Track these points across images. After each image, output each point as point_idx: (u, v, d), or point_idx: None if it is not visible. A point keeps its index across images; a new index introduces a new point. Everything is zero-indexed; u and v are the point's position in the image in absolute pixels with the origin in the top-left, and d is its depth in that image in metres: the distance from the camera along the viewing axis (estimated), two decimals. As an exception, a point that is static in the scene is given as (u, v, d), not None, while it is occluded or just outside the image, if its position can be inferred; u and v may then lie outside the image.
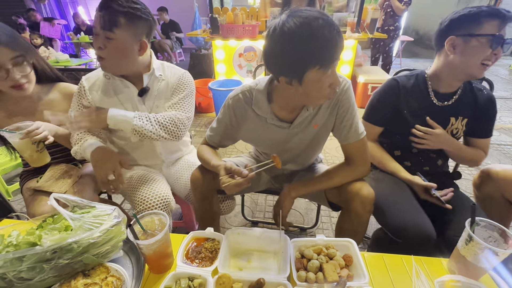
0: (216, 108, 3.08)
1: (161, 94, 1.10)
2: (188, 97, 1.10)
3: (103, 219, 0.69)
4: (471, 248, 0.65)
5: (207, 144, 1.07)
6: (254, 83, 0.95)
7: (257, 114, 0.95)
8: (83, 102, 1.06)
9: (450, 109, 1.07)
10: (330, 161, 2.42)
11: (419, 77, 1.09)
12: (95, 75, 1.08)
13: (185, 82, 1.11)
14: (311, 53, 0.70)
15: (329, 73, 0.74)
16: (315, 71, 0.72)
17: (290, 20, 0.69)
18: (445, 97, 1.06)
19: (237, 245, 0.81)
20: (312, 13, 0.69)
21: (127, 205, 1.84)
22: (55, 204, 0.65)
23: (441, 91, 1.06)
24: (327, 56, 0.71)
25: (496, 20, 0.88)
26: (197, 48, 4.90)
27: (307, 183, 0.99)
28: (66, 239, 0.61)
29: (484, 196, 1.11)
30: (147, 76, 1.05)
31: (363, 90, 3.43)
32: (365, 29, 3.53)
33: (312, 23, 0.68)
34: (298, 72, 0.73)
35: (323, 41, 0.69)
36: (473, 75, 0.98)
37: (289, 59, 0.72)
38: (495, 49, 0.90)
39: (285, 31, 0.69)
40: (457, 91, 1.06)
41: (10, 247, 0.61)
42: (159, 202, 1.01)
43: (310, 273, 0.67)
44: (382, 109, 1.12)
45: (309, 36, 0.68)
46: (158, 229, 0.70)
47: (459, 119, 1.07)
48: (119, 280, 0.65)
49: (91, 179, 1.16)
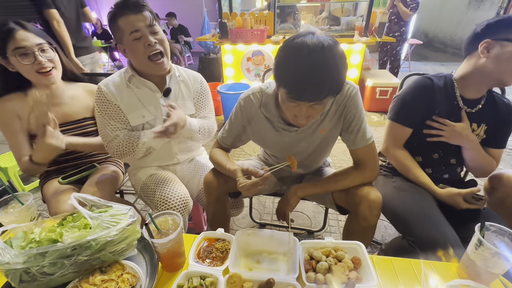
0: (225, 111, 3.12)
1: (184, 96, 1.15)
2: (212, 102, 1.25)
3: (119, 218, 0.72)
4: (481, 253, 0.65)
5: (220, 146, 1.09)
6: (265, 85, 0.98)
7: (266, 116, 0.97)
8: (108, 109, 1.05)
9: (474, 115, 1.05)
10: (338, 164, 2.41)
11: (447, 79, 1.07)
12: (111, 81, 1.07)
13: (206, 88, 1.21)
14: (283, 74, 0.74)
15: (292, 105, 0.77)
16: (284, 92, 0.75)
17: (305, 36, 0.70)
18: (471, 103, 1.05)
19: (247, 246, 0.82)
20: (322, 46, 0.68)
21: (137, 205, 1.88)
22: (76, 203, 0.68)
23: (467, 97, 1.05)
24: (293, 89, 0.72)
25: None
26: (206, 52, 4.97)
27: (314, 184, 1.00)
28: (85, 236, 0.64)
29: (495, 201, 1.09)
30: (169, 77, 1.09)
31: (371, 93, 3.42)
32: (373, 33, 3.52)
33: (304, 51, 0.68)
34: (277, 83, 0.78)
35: (299, 73, 0.69)
36: (503, 82, 0.98)
37: (276, 64, 0.76)
38: None
39: (291, 43, 0.72)
40: (482, 97, 1.05)
41: (33, 243, 0.65)
42: (179, 202, 1.03)
43: (319, 275, 0.69)
44: (415, 108, 1.06)
45: (292, 58, 0.70)
46: (172, 228, 0.73)
47: (481, 126, 1.06)
48: (134, 277, 0.68)
49: (109, 179, 1.20)
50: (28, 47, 0.98)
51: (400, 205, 0.96)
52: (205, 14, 5.62)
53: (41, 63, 1.01)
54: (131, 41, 0.95)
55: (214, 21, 5.57)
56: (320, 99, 0.72)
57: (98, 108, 1.06)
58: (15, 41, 0.97)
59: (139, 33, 0.94)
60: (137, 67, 1.04)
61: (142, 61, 0.98)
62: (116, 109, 1.05)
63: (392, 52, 4.00)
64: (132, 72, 1.04)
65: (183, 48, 5.81)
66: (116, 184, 1.25)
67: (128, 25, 0.93)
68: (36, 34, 1.01)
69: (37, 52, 1.00)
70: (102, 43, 5.51)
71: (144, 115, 1.08)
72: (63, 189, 1.12)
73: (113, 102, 1.05)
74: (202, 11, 6.04)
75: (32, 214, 0.84)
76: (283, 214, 1.00)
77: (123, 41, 0.96)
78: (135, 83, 1.07)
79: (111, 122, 1.06)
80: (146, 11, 0.94)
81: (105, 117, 1.05)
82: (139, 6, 0.93)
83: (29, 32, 0.99)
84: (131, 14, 0.92)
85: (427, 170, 1.14)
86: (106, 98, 1.04)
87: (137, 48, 0.95)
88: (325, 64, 0.68)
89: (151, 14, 0.96)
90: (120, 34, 0.96)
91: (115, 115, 1.06)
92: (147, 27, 0.94)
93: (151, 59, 0.98)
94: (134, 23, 0.93)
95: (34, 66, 1.00)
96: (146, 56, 0.97)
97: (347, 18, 3.56)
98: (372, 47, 5.64)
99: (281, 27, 3.69)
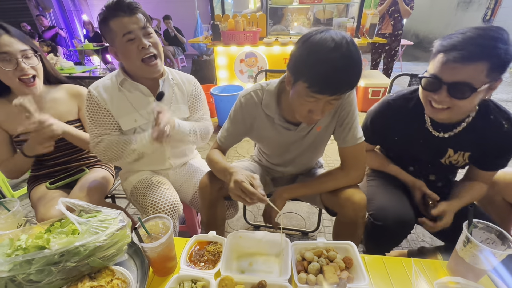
0: (218, 113, 3.12)
1: (178, 99, 1.13)
2: (206, 104, 1.24)
3: (108, 223, 0.71)
4: (469, 250, 0.66)
5: (219, 147, 1.07)
6: (265, 83, 0.97)
7: (266, 114, 0.97)
8: (97, 113, 1.03)
9: (448, 141, 0.94)
10: (332, 165, 2.43)
11: (419, 99, 0.92)
12: (102, 85, 1.05)
13: (200, 90, 1.21)
14: (305, 68, 0.73)
15: (311, 100, 0.76)
16: (304, 87, 0.74)
17: (329, 32, 0.70)
18: (444, 127, 0.93)
19: (239, 248, 0.82)
20: (347, 41, 0.69)
21: (130, 209, 1.86)
22: (63, 208, 0.67)
23: (439, 121, 0.93)
24: (316, 83, 0.72)
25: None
26: (199, 54, 4.97)
27: (300, 186, 1.01)
28: (73, 242, 0.63)
29: (484, 199, 1.11)
30: (162, 81, 1.07)
31: (363, 94, 3.46)
32: (365, 34, 3.56)
33: (330, 45, 0.68)
34: (295, 77, 0.77)
35: (324, 67, 0.69)
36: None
37: (295, 58, 0.75)
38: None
39: (313, 38, 0.72)
40: (461, 123, 0.90)
41: (19, 250, 0.63)
42: (168, 207, 1.02)
43: (311, 275, 0.69)
44: (372, 130, 1.07)
45: (316, 52, 0.70)
46: (162, 232, 0.72)
47: (459, 153, 0.95)
48: (124, 283, 0.67)
49: (99, 184, 1.18)
50: (11, 53, 0.95)
51: (369, 189, 1.04)
52: (198, 16, 5.62)
53: (24, 69, 0.98)
54: (124, 43, 0.93)
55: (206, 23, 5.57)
56: (341, 93, 0.73)
57: (87, 111, 1.04)
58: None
59: (132, 35, 0.92)
60: (130, 70, 1.02)
61: (135, 63, 0.97)
62: (105, 113, 1.03)
63: (391, 52, 4.01)
64: (124, 76, 1.03)
65: (176, 50, 5.79)
66: (106, 188, 1.23)
67: (121, 27, 0.91)
68: (20, 40, 0.98)
69: (21, 58, 0.97)
70: (94, 45, 5.45)
71: (137, 119, 1.06)
72: (51, 194, 1.10)
73: (103, 106, 1.02)
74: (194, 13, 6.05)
75: (19, 221, 0.82)
76: (269, 216, 0.99)
77: (115, 43, 0.95)
78: (127, 86, 1.05)
79: (97, 127, 1.04)
80: (139, 13, 0.93)
81: (92, 121, 1.04)
82: (132, 8, 0.92)
83: (14, 38, 0.96)
84: (124, 16, 0.91)
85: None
86: (96, 102, 1.02)
87: (130, 51, 0.94)
88: (352, 57, 0.69)
89: (145, 16, 0.95)
90: (112, 36, 0.94)
91: (103, 120, 1.04)
92: (141, 29, 0.93)
93: (144, 62, 0.96)
94: (127, 25, 0.91)
95: (15, 73, 0.97)
96: (139, 59, 0.95)
97: (338, 19, 3.60)
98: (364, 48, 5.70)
99: (273, 29, 3.71)
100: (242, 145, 2.83)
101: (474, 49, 0.71)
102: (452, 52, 0.73)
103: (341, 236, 0.96)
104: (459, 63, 0.73)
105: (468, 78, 0.73)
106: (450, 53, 0.73)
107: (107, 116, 1.04)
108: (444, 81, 0.77)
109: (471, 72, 0.73)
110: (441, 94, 0.79)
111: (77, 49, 5.79)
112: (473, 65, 0.72)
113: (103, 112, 1.03)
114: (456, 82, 0.75)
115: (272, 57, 3.42)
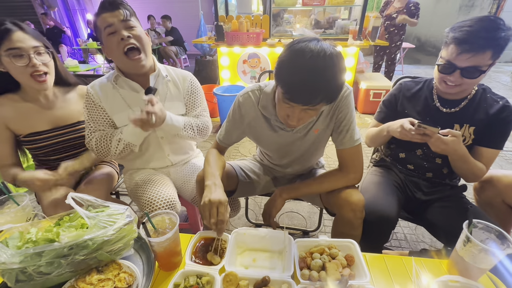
0: (221, 113, 3.13)
1: (173, 96, 1.14)
2: (204, 100, 1.24)
3: (116, 218, 0.72)
4: (469, 249, 0.67)
5: (218, 146, 1.08)
6: (264, 84, 0.99)
7: (264, 115, 0.98)
8: (92, 110, 1.07)
9: (455, 116, 1.06)
10: (333, 165, 2.43)
11: (427, 82, 1.13)
12: (98, 83, 1.08)
13: (197, 87, 1.20)
14: (282, 74, 0.74)
15: (287, 106, 0.78)
16: (280, 92, 0.76)
17: (313, 42, 0.71)
18: (451, 103, 1.06)
19: (243, 244, 0.84)
20: (324, 54, 0.68)
21: (133, 206, 1.88)
22: (73, 202, 0.69)
23: (447, 97, 1.06)
24: (289, 90, 0.73)
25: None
26: (202, 55, 4.99)
27: (299, 186, 1.02)
28: (82, 236, 0.65)
29: (484, 201, 1.12)
30: (153, 77, 1.08)
31: (365, 96, 3.47)
32: (367, 36, 3.58)
33: (307, 55, 0.68)
34: (275, 78, 0.79)
35: (295, 77, 0.71)
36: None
37: (278, 63, 0.76)
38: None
39: (295, 46, 0.73)
40: (465, 98, 1.04)
41: (29, 243, 0.65)
42: (164, 204, 1.03)
43: (313, 272, 0.70)
44: (386, 110, 1.20)
45: (293, 60, 0.71)
46: (169, 227, 0.74)
47: (465, 126, 1.04)
48: (131, 277, 0.68)
49: (104, 179, 1.20)
50: (24, 49, 0.97)
51: (363, 185, 1.11)
52: (201, 16, 5.64)
53: (35, 65, 0.99)
54: (106, 37, 0.95)
55: (210, 23, 5.61)
56: (313, 104, 0.74)
57: (85, 109, 1.08)
58: (10, 41, 0.95)
59: (112, 28, 0.93)
60: (118, 66, 1.04)
61: (119, 58, 0.98)
62: (100, 111, 1.06)
63: (391, 56, 4.05)
64: (118, 73, 1.05)
65: (179, 50, 5.81)
66: (111, 184, 1.25)
67: (103, 22, 0.94)
68: (33, 37, 1.00)
69: (33, 54, 0.98)
70: (98, 44, 5.48)
71: (130, 116, 1.08)
72: (56, 190, 1.11)
73: (98, 104, 1.05)
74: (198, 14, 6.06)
75: (28, 215, 0.84)
76: (269, 216, 1.00)
77: (102, 40, 0.97)
78: (120, 83, 1.07)
79: (91, 123, 1.07)
80: (122, 8, 0.95)
81: (87, 117, 1.07)
82: (115, 5, 0.94)
83: (27, 34, 0.98)
84: (107, 12, 0.94)
85: (409, 167, 1.17)
86: (91, 100, 1.06)
87: (111, 43, 0.95)
88: (324, 71, 0.69)
89: (127, 10, 0.96)
90: (99, 34, 0.97)
91: (97, 116, 1.06)
92: (121, 22, 0.94)
93: (127, 56, 0.97)
94: (108, 19, 0.93)
95: (27, 69, 0.98)
96: (121, 52, 0.96)
97: (341, 22, 3.62)
98: (367, 50, 5.73)
99: (276, 30, 3.73)
100: (244, 144, 2.84)
101: (481, 41, 0.87)
102: (463, 45, 0.90)
103: (339, 236, 0.97)
104: (469, 54, 0.89)
105: (477, 63, 0.90)
106: (462, 45, 0.90)
107: (101, 113, 1.07)
108: (457, 66, 0.93)
109: (479, 59, 0.90)
110: (455, 76, 0.96)
111: (81, 47, 5.82)
112: (481, 54, 0.89)
113: (98, 109, 1.06)
114: (467, 67, 0.92)
115: (274, 58, 3.43)
